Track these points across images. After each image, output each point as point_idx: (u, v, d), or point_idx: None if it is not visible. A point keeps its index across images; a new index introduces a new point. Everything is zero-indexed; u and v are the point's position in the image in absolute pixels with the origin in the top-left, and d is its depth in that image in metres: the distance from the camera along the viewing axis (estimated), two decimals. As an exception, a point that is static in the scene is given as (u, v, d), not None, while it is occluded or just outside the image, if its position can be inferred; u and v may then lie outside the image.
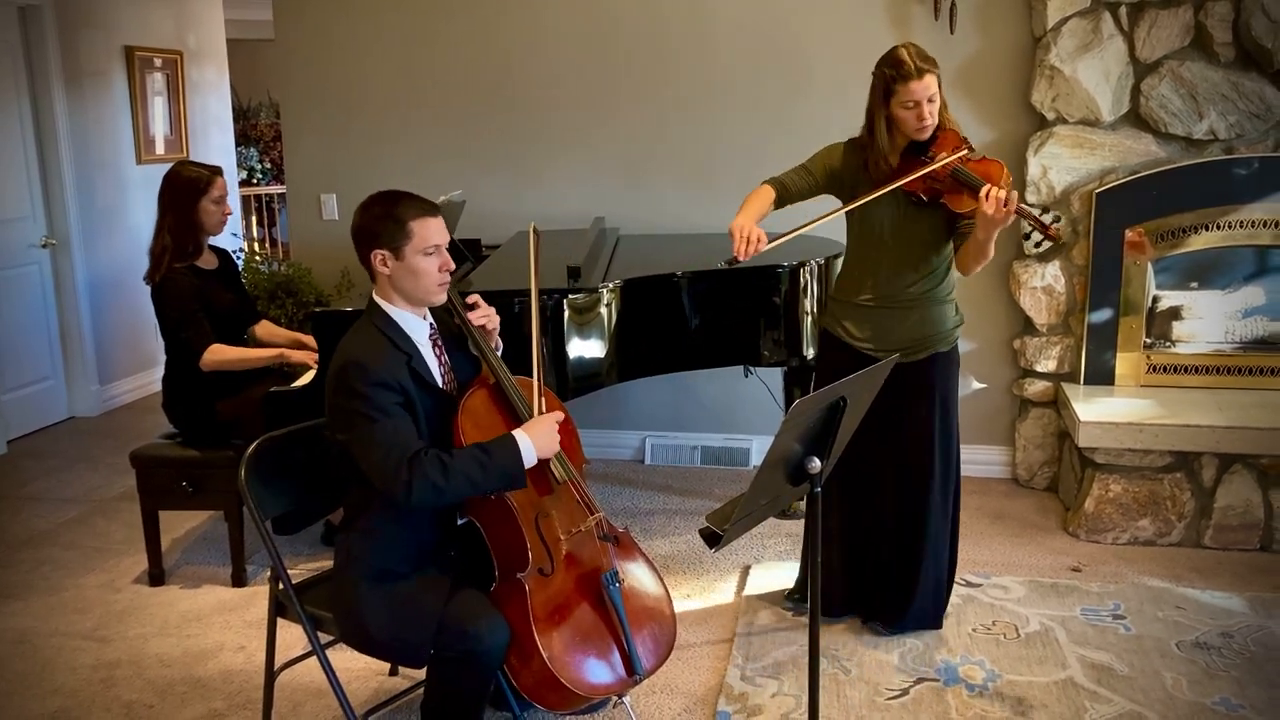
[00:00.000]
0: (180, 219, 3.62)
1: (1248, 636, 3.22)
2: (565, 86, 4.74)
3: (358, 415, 2.26)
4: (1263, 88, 4.05)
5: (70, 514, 4.41)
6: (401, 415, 2.29)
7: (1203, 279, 4.26)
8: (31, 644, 3.32)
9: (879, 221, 3.04)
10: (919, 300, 3.06)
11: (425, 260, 2.35)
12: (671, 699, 2.95)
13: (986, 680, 3.00)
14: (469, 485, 2.26)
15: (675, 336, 3.69)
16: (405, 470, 2.22)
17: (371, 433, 2.25)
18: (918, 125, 2.90)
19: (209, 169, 3.68)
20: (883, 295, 3.07)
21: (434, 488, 2.23)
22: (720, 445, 4.85)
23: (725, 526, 2.13)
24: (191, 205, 3.63)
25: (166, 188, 3.66)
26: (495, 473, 2.28)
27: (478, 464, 2.27)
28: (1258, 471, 3.85)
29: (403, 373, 2.33)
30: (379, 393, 2.27)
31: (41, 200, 5.62)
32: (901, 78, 2.85)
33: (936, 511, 3.15)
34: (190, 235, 3.64)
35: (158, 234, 3.66)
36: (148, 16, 6.33)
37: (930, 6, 4.36)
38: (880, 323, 3.09)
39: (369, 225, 2.36)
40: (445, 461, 2.25)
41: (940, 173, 2.89)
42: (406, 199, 2.37)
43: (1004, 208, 2.74)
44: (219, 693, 3.03)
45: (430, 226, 2.35)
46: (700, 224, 4.68)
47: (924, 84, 2.84)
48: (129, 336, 6.16)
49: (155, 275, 3.61)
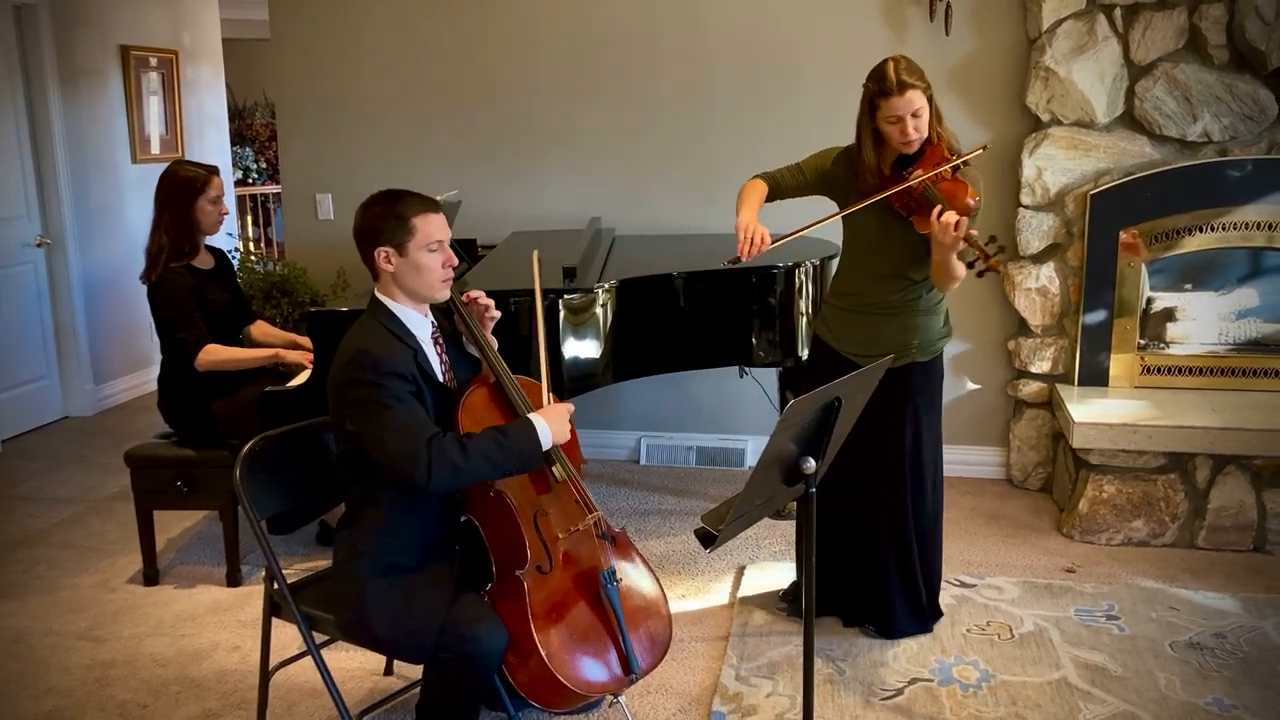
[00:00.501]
0: (177, 218, 3.62)
1: (1241, 637, 3.23)
2: (561, 87, 4.75)
3: (372, 404, 2.27)
4: (1256, 90, 4.06)
5: (64, 514, 4.41)
6: (414, 403, 2.31)
7: (1197, 280, 4.27)
8: (26, 644, 3.32)
9: (866, 229, 3.06)
10: (901, 308, 3.07)
11: (429, 256, 2.37)
12: (666, 699, 2.95)
13: (981, 681, 3.00)
14: (488, 465, 2.28)
15: (671, 337, 3.69)
16: (425, 453, 2.23)
17: (387, 419, 2.26)
18: (902, 140, 2.89)
19: (205, 168, 3.68)
20: (867, 301, 3.10)
21: (454, 467, 2.24)
22: (715, 446, 4.86)
23: (720, 527, 2.14)
24: (188, 205, 3.62)
25: (163, 187, 3.66)
26: (514, 453, 2.30)
27: (496, 444, 2.29)
28: (1251, 473, 3.86)
29: (411, 364, 2.34)
30: (392, 381, 2.28)
31: (36, 199, 5.61)
32: (884, 93, 2.84)
33: (907, 519, 3.17)
34: (187, 235, 3.64)
35: (154, 233, 3.65)
36: (143, 16, 6.32)
37: (925, 8, 4.36)
38: (863, 328, 3.11)
39: (371, 224, 2.37)
40: (464, 442, 2.27)
41: (915, 190, 2.89)
42: (408, 196, 2.39)
43: (953, 233, 2.74)
44: (213, 692, 3.03)
45: (433, 222, 2.37)
46: (697, 224, 4.68)
47: (906, 100, 2.82)
48: (123, 336, 6.15)
49: (151, 275, 3.61)
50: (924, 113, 2.87)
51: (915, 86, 2.83)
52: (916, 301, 3.07)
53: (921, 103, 2.85)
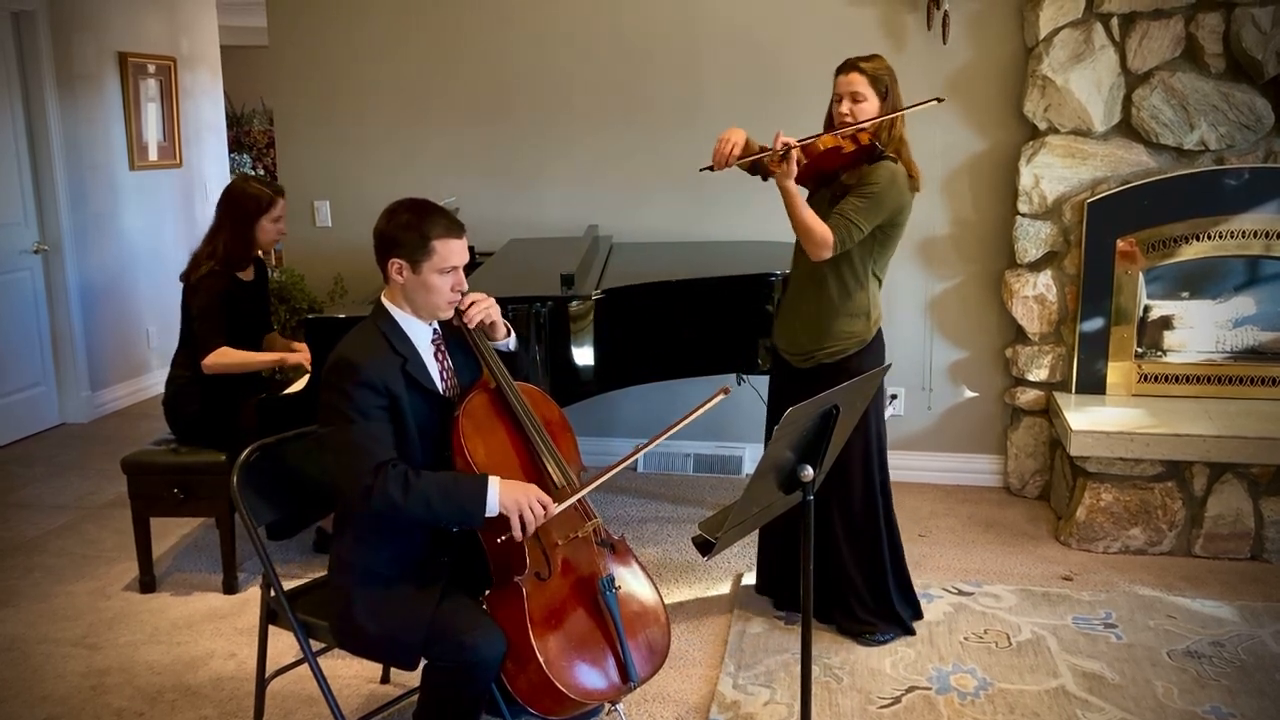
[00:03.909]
0: (237, 234, 3.67)
1: (1238, 645, 3.23)
2: (558, 93, 4.75)
3: (337, 412, 2.28)
4: (1253, 99, 4.07)
5: (61, 521, 4.40)
6: (380, 420, 2.29)
7: (1194, 289, 4.28)
8: (21, 651, 3.31)
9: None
10: (811, 307, 3.15)
11: (440, 278, 2.37)
12: (664, 707, 2.95)
13: (978, 689, 3.00)
14: (426, 510, 2.26)
15: (670, 344, 3.70)
16: (370, 475, 2.23)
17: (347, 433, 2.27)
18: (839, 117, 3.05)
19: (272, 188, 3.74)
20: (790, 300, 3.25)
21: (392, 502, 2.23)
22: (712, 453, 4.85)
23: (718, 534, 2.14)
24: (251, 222, 3.68)
25: (228, 201, 3.70)
26: (455, 506, 2.27)
27: (442, 492, 2.27)
28: (1248, 481, 3.86)
29: (394, 375, 2.34)
30: (362, 393, 2.28)
31: (34, 206, 5.61)
32: (838, 70, 3.07)
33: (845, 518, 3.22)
34: (242, 249, 3.70)
35: (209, 240, 3.70)
36: (141, 22, 6.33)
37: (923, 17, 4.37)
38: (786, 327, 3.25)
39: (393, 233, 2.37)
40: (410, 480, 2.25)
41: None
42: (435, 214, 2.38)
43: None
44: (209, 700, 3.02)
45: (453, 247, 2.37)
46: (694, 231, 4.69)
47: (848, 79, 3.03)
48: (120, 343, 6.14)
49: (191, 276, 3.65)
50: (864, 102, 3.02)
51: (861, 72, 3.02)
52: (824, 299, 3.12)
53: (864, 90, 3.01)
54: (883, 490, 3.26)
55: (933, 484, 4.65)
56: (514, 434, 2.48)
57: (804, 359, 3.18)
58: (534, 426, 2.49)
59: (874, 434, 3.21)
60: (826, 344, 3.14)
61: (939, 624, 3.36)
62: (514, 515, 2.26)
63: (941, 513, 4.36)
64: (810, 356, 3.16)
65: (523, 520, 2.27)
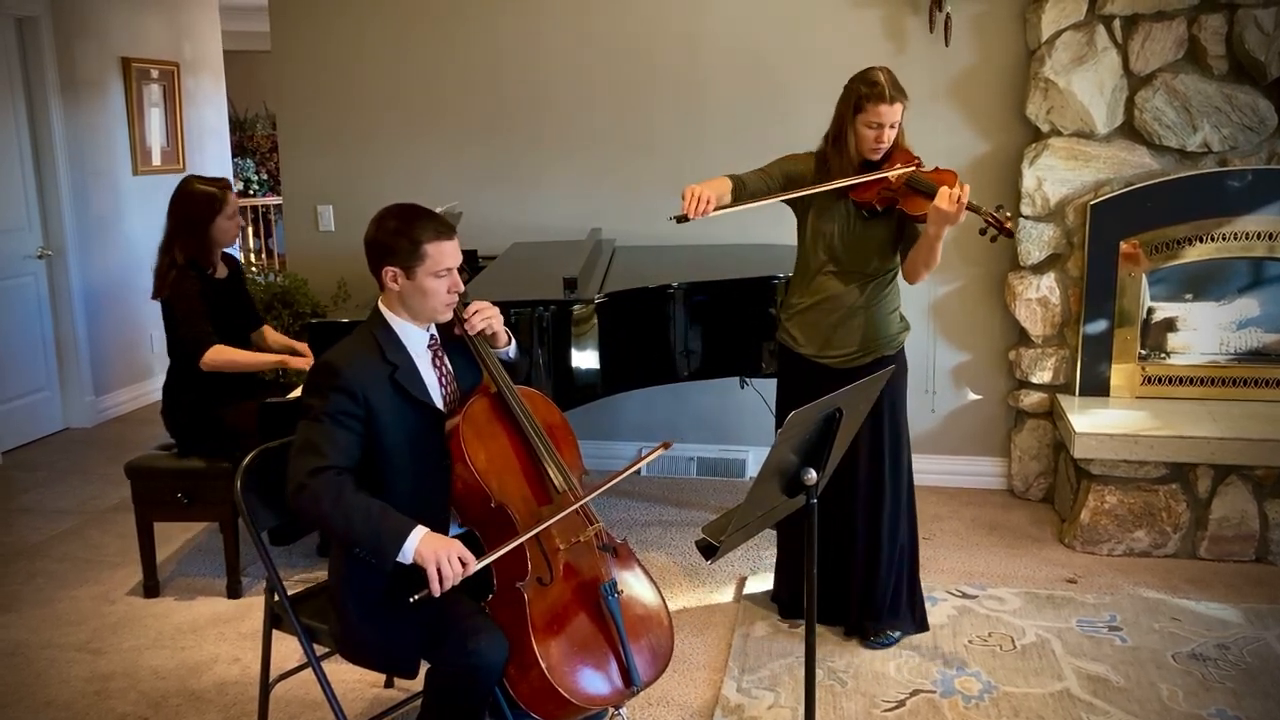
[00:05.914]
0: (194, 238, 3.63)
1: (1243, 648, 3.22)
2: (561, 97, 4.76)
3: (309, 408, 2.29)
4: (1256, 100, 4.07)
5: (64, 525, 4.40)
6: (348, 429, 2.27)
7: (1197, 290, 4.27)
8: (24, 656, 3.31)
9: (829, 231, 3.13)
10: (862, 308, 3.14)
11: (435, 281, 2.36)
12: (668, 711, 2.94)
13: (983, 692, 2.99)
14: (345, 526, 2.21)
15: (673, 347, 3.70)
16: (307, 475, 2.21)
17: (310, 430, 2.26)
18: (873, 146, 3.02)
19: (218, 184, 3.68)
20: (829, 304, 3.16)
21: (317, 506, 2.20)
22: (716, 456, 4.85)
23: (721, 538, 2.13)
24: (206, 223, 3.63)
25: (179, 207, 3.64)
26: (373, 536, 2.21)
27: (366, 516, 2.21)
28: (1253, 483, 3.86)
29: (379, 385, 2.32)
30: (337, 398, 2.27)
31: (37, 211, 5.62)
32: (874, 97, 2.97)
33: (888, 517, 3.20)
34: (204, 253, 3.66)
35: (165, 251, 3.64)
36: (144, 28, 6.34)
37: (925, 20, 4.37)
38: (826, 330, 3.17)
39: (384, 241, 2.36)
40: (343, 493, 2.20)
41: (894, 181, 3.00)
42: (423, 219, 2.37)
43: (957, 202, 2.83)
44: (214, 705, 3.02)
45: (445, 250, 2.36)
46: (697, 234, 4.68)
47: (893, 109, 2.98)
48: (124, 348, 6.15)
49: (162, 290, 3.60)
50: (899, 127, 3.04)
51: (901, 101, 2.99)
52: (877, 302, 3.15)
53: (900, 118, 3.01)
54: (909, 489, 3.28)
55: (936, 487, 4.64)
56: (515, 438, 2.48)
57: (857, 356, 3.15)
58: (535, 431, 2.48)
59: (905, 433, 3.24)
60: (886, 334, 3.17)
61: (943, 627, 3.36)
62: (430, 566, 2.17)
63: (945, 515, 4.35)
64: (868, 353, 3.15)
65: (441, 574, 2.17)
